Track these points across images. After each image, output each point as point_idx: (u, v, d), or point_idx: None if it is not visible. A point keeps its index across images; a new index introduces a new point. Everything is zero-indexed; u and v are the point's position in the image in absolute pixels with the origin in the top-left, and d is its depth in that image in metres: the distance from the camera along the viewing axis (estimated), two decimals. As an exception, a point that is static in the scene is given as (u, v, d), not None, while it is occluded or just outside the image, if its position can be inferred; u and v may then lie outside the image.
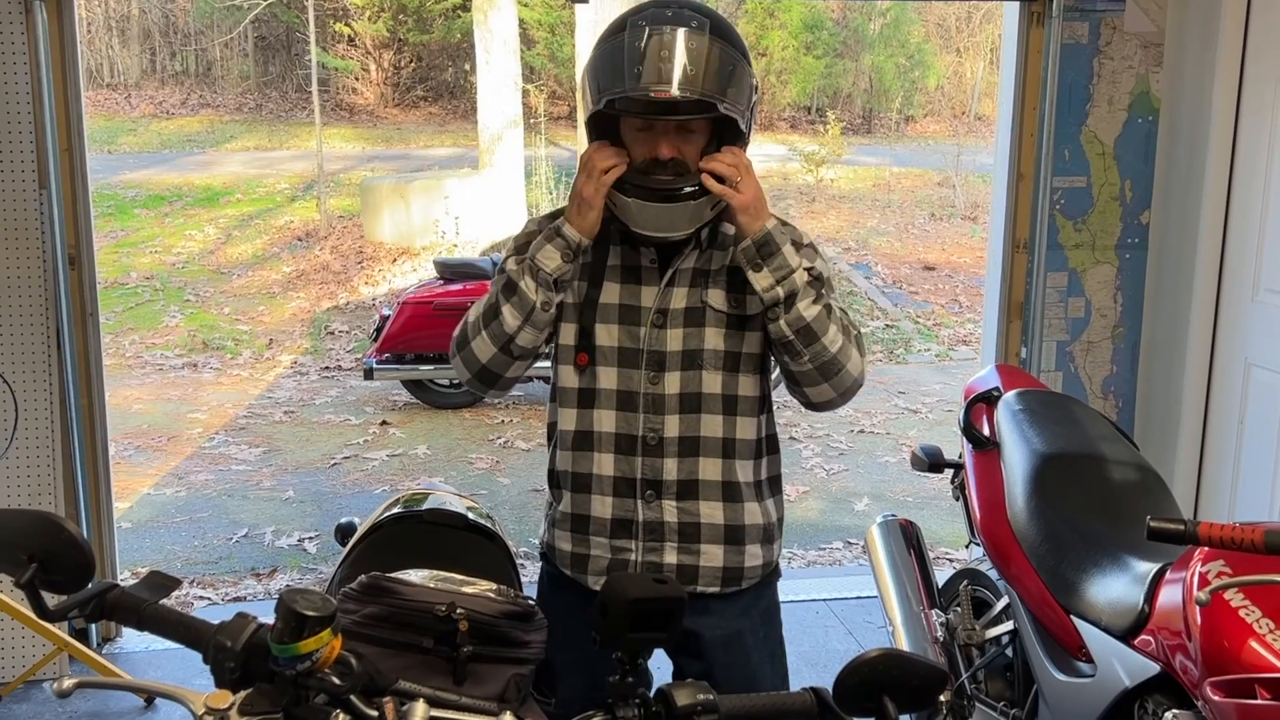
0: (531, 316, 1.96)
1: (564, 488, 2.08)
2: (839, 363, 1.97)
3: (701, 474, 2.01)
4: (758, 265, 1.92)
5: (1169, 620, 2.10)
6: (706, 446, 2.01)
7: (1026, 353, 4.05)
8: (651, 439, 1.99)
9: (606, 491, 2.03)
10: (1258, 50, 3.68)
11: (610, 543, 2.04)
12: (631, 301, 2.01)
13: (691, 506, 2.02)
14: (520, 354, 2.00)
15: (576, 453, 2.04)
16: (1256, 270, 3.71)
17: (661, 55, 1.82)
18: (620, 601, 1.37)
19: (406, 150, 16.21)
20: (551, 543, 2.14)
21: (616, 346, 2.01)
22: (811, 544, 5.30)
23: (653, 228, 1.94)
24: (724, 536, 2.04)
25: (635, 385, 2.00)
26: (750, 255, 1.92)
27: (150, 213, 12.86)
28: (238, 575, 4.95)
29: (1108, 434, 2.77)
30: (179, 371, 8.57)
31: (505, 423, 7.28)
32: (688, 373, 1.99)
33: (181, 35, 19.00)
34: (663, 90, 1.82)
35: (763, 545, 2.09)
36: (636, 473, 2.01)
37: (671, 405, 1.99)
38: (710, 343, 2.00)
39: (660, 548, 2.02)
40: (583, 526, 2.06)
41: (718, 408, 2.01)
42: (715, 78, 1.84)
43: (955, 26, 18.98)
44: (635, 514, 2.02)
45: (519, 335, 1.97)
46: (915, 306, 10.50)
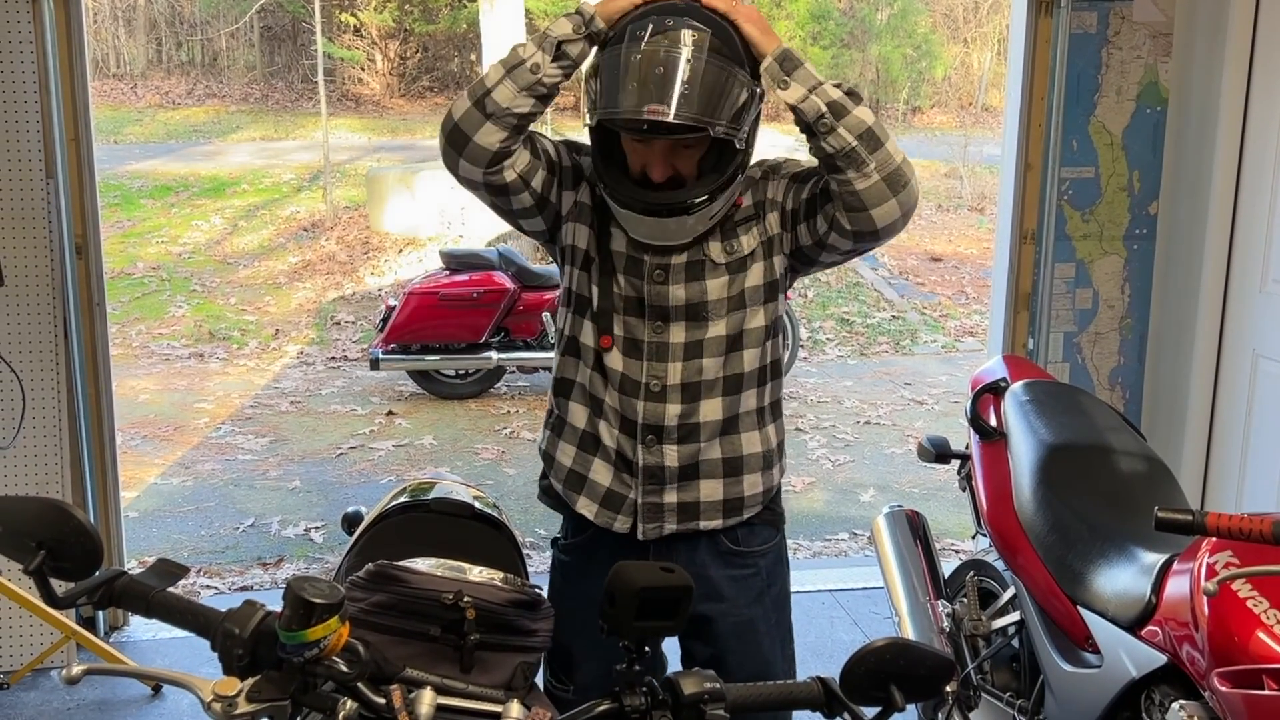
0: (515, 70, 1.90)
1: (577, 401, 2.08)
2: (904, 173, 1.88)
3: (702, 416, 2.02)
4: (784, 82, 1.86)
5: (1176, 611, 2.09)
6: (707, 388, 2.01)
7: (1034, 343, 4.04)
8: (655, 385, 2.00)
9: (614, 424, 2.04)
10: (1267, 40, 3.67)
11: (611, 472, 2.05)
12: (634, 254, 2.00)
13: (692, 448, 2.02)
14: (493, 111, 1.89)
15: (595, 372, 2.04)
16: (1264, 261, 3.70)
17: (655, 74, 1.80)
18: (628, 590, 1.37)
19: (412, 140, 16.19)
20: (552, 453, 2.13)
21: (622, 295, 2.01)
22: (817, 535, 5.30)
23: (649, 237, 1.96)
24: (723, 470, 2.05)
25: (640, 334, 2.00)
26: (775, 73, 1.87)
27: (156, 203, 12.87)
28: (244, 565, 4.96)
29: (1115, 425, 2.77)
30: (185, 361, 8.58)
31: (511, 413, 7.28)
32: (693, 323, 2.00)
33: (187, 25, 18.99)
34: (657, 111, 1.79)
35: (762, 473, 2.09)
36: (638, 417, 2.01)
37: (675, 353, 2.00)
38: (714, 294, 1.99)
39: (660, 489, 2.04)
40: (590, 446, 2.06)
41: (720, 350, 2.01)
42: (710, 100, 1.81)
43: (963, 17, 18.91)
44: (636, 457, 2.02)
45: (496, 89, 1.89)
46: (922, 298, 10.48)
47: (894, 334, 9.50)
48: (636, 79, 1.81)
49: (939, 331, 9.63)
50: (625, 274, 2.00)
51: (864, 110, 1.87)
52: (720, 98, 1.82)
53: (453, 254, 7.61)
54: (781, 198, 2.01)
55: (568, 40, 1.90)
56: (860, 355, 8.96)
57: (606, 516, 2.06)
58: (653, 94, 1.79)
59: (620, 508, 2.05)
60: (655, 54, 1.81)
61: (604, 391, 2.03)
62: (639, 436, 2.01)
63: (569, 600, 2.04)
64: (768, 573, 2.11)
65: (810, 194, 1.98)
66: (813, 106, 1.85)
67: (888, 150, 1.86)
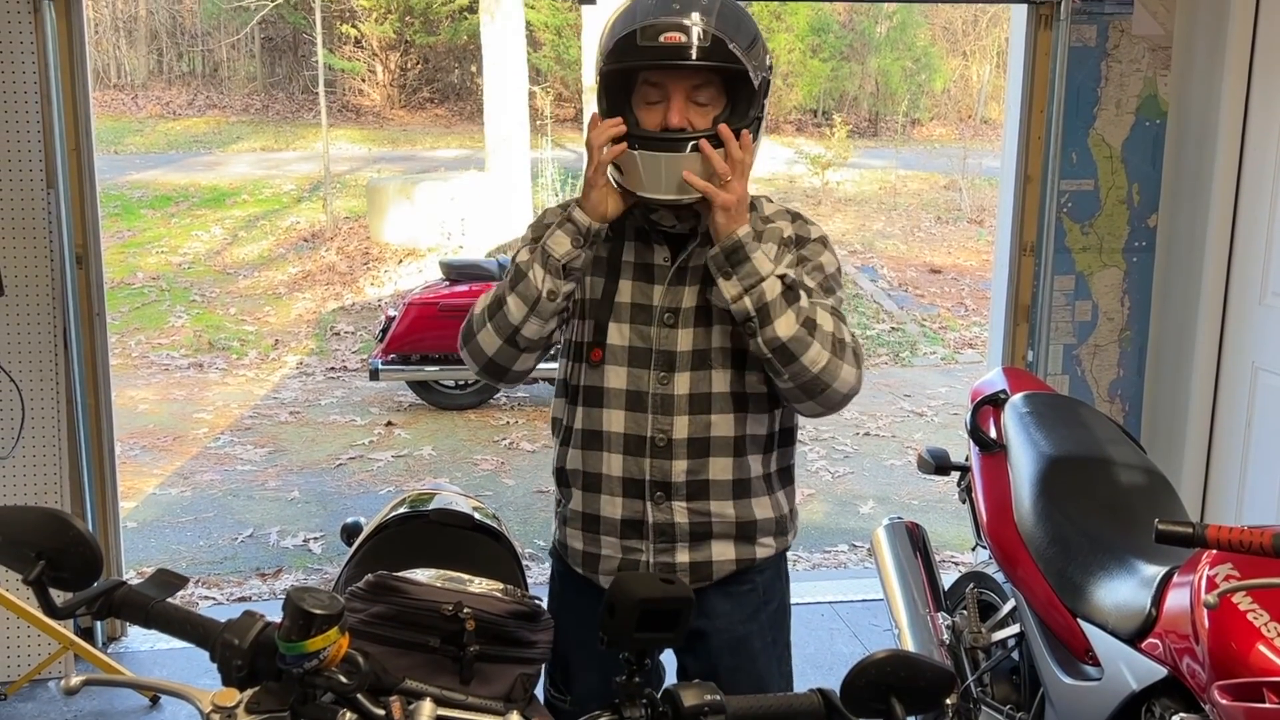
0: (537, 306, 1.91)
1: (574, 486, 2.05)
2: (821, 381, 1.89)
3: (712, 474, 1.98)
4: (726, 273, 1.86)
5: (1176, 624, 2.09)
6: (717, 446, 1.97)
7: (1033, 355, 4.04)
8: (660, 440, 1.95)
9: (616, 492, 2.00)
10: (1266, 54, 3.68)
11: (621, 543, 2.01)
12: (643, 300, 1.97)
13: (702, 506, 1.98)
14: (527, 346, 1.95)
15: (586, 451, 2.01)
16: (1264, 274, 3.71)
17: (674, 5, 1.81)
18: (627, 602, 1.36)
19: (413, 151, 16.22)
20: (563, 540, 2.11)
21: (627, 346, 1.97)
22: (817, 546, 5.30)
23: (659, 187, 1.86)
24: (735, 533, 2.02)
25: (644, 385, 1.96)
26: (719, 263, 1.86)
27: (156, 213, 12.88)
28: (243, 575, 4.96)
29: (1115, 437, 2.77)
30: (185, 372, 8.58)
31: (510, 424, 7.28)
32: (698, 373, 1.95)
33: (189, 36, 19.03)
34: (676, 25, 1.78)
35: (775, 537, 2.08)
36: (645, 474, 1.97)
37: (681, 406, 1.95)
38: (719, 341, 1.96)
39: (672, 548, 2.00)
40: (594, 526, 2.03)
41: (728, 406, 1.97)
42: (730, 24, 1.82)
43: (962, 30, 18.96)
44: (645, 515, 1.98)
45: (524, 326, 1.92)
46: (921, 310, 10.49)
47: (893, 346, 9.51)
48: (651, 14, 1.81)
49: (938, 343, 9.64)
50: (632, 323, 1.96)
51: (788, 320, 1.84)
52: (739, 27, 1.83)
53: (452, 264, 7.62)
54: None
55: (572, 258, 1.90)
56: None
57: None
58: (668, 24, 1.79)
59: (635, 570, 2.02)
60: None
61: (602, 465, 1.99)
62: (647, 494, 1.98)
63: (568, 610, 2.03)
64: (765, 589, 2.08)
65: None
66: (741, 309, 1.85)
67: (802, 363, 1.86)
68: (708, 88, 1.86)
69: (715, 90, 1.87)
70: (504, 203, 11.41)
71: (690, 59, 1.81)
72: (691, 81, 1.84)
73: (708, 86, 1.86)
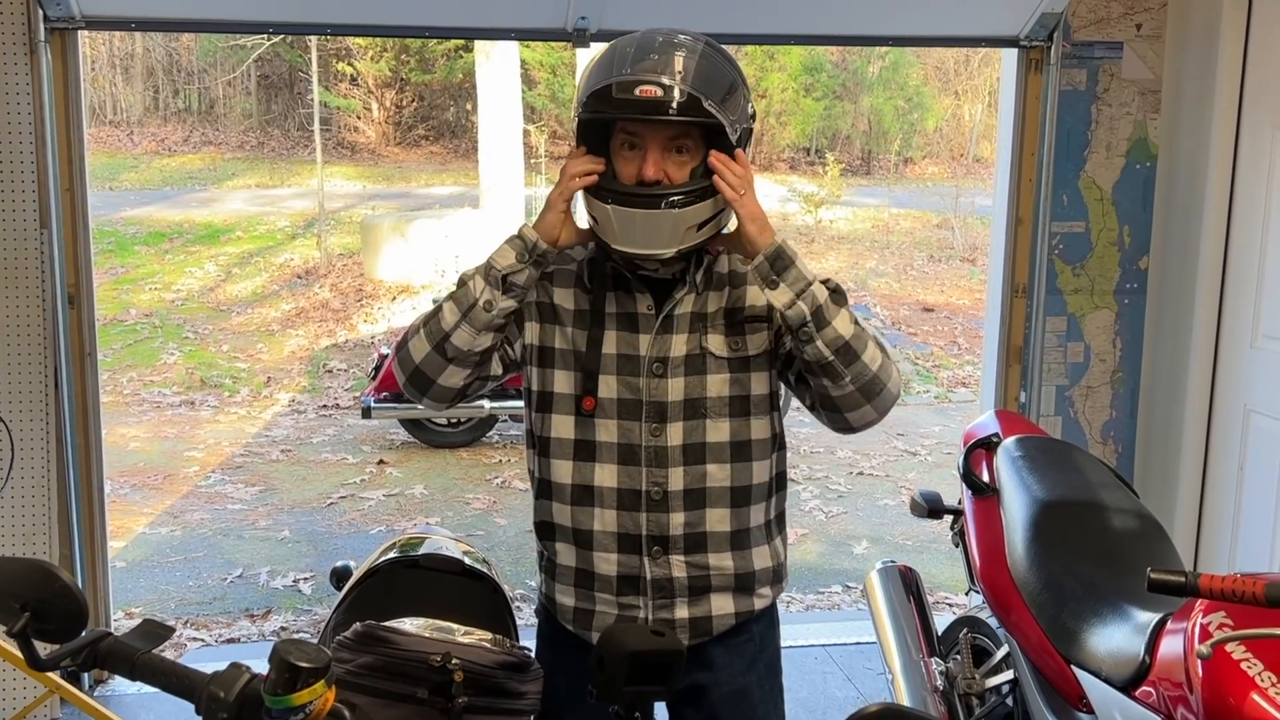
0: (471, 313, 1.86)
1: (560, 541, 1.99)
2: (880, 380, 1.86)
3: (709, 525, 1.94)
4: (773, 281, 1.82)
5: (1170, 672, 2.08)
6: (713, 497, 1.93)
7: (1026, 397, 4.04)
8: (655, 493, 1.91)
9: (610, 548, 1.94)
10: (1254, 97, 3.71)
11: (617, 599, 1.95)
12: (629, 351, 1.93)
13: (700, 559, 1.94)
14: (454, 355, 1.88)
15: (576, 507, 1.95)
16: (1255, 317, 3.72)
17: (653, 56, 1.79)
18: (618, 654, 1.36)
19: (408, 188, 16.28)
20: (552, 595, 2.03)
21: (615, 399, 1.92)
22: (810, 588, 5.27)
23: (633, 242, 1.84)
24: (734, 585, 1.98)
25: (636, 438, 1.91)
26: (764, 272, 1.83)
27: (151, 249, 12.90)
28: (232, 616, 4.92)
29: (1107, 481, 2.76)
30: (176, 409, 8.56)
31: (503, 462, 7.26)
32: (690, 422, 1.92)
33: (185, 73, 19.13)
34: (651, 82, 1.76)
35: (772, 585, 2.05)
36: (641, 529, 1.92)
37: (675, 457, 1.91)
38: (713, 390, 1.92)
39: (670, 604, 1.95)
40: (587, 582, 1.96)
41: (725, 456, 1.93)
42: (707, 81, 1.79)
43: (954, 70, 19.12)
44: (642, 570, 1.93)
45: (454, 333, 1.87)
46: (914, 348, 10.51)
47: (887, 384, 9.51)
48: (628, 65, 1.79)
49: (932, 382, 9.64)
50: (619, 374, 1.92)
51: (844, 319, 1.84)
52: (716, 83, 1.80)
53: (446, 303, 7.61)
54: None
55: (513, 271, 1.87)
56: (853, 405, 8.95)
57: None
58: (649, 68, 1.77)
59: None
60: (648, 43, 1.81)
61: (593, 521, 1.94)
62: (644, 549, 1.92)
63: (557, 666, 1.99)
64: (761, 638, 2.06)
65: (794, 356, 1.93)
66: (797, 314, 1.82)
67: (864, 362, 1.84)
68: (685, 138, 1.84)
69: (693, 140, 1.84)
70: (498, 240, 11.32)
71: (666, 114, 1.79)
72: (668, 133, 1.82)
73: (685, 137, 1.84)
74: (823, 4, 3.73)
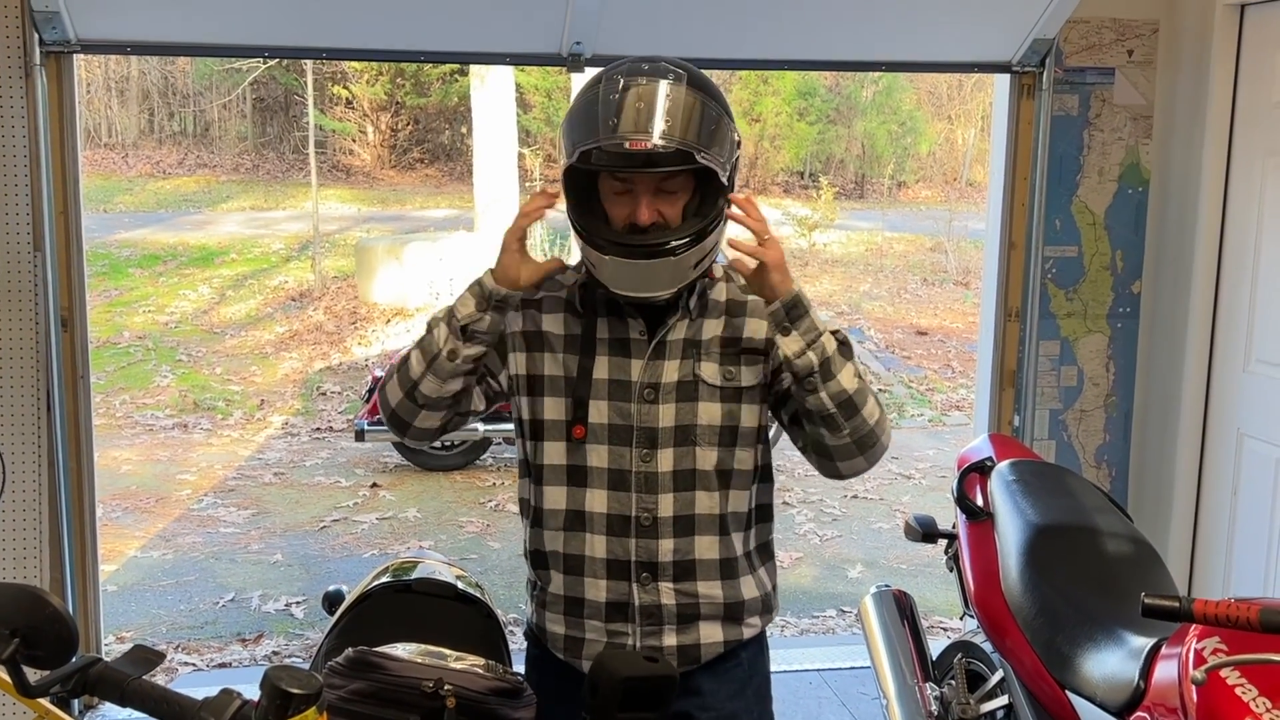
0: (434, 364, 1.86)
1: (553, 569, 1.98)
2: (876, 434, 1.88)
3: (698, 553, 1.94)
4: (786, 329, 1.83)
5: (1165, 697, 2.07)
6: (702, 524, 1.93)
7: (1020, 421, 4.04)
8: (645, 519, 1.91)
9: (600, 574, 1.93)
10: (1245, 123, 3.73)
11: (606, 626, 1.94)
12: (620, 376, 1.92)
13: (689, 587, 1.94)
14: (424, 403, 1.89)
15: (567, 533, 1.95)
16: (1248, 341, 3.73)
17: (638, 105, 1.77)
18: (610, 680, 1.35)
19: (403, 211, 16.30)
20: (541, 624, 2.02)
21: (606, 424, 1.92)
22: (805, 612, 5.26)
23: (631, 287, 1.85)
24: (724, 614, 1.97)
25: (626, 464, 1.91)
26: (780, 318, 1.83)
27: (144, 272, 12.89)
28: (223, 641, 4.89)
29: (1101, 505, 2.76)
30: (169, 432, 8.53)
31: (496, 485, 7.24)
32: (681, 449, 1.91)
33: (180, 96, 19.17)
34: (640, 140, 1.75)
35: (761, 615, 2.04)
36: (631, 555, 1.92)
37: (665, 484, 1.91)
38: (704, 418, 1.92)
39: (659, 631, 1.94)
40: (576, 609, 1.96)
41: (712, 484, 1.93)
42: (694, 128, 1.78)
43: (947, 94, 19.21)
44: (631, 597, 1.93)
45: (421, 383, 1.88)
46: (908, 371, 10.51)
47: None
48: (617, 114, 1.77)
49: (925, 405, 9.65)
50: (610, 399, 1.92)
51: (848, 374, 1.85)
52: (703, 128, 1.79)
53: (440, 325, 7.61)
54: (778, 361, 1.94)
55: (474, 320, 1.87)
56: (847, 429, 8.95)
57: None
58: (635, 123, 1.76)
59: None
60: (635, 89, 1.78)
61: (585, 547, 1.93)
62: (633, 576, 1.92)
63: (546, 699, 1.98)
64: (749, 664, 2.05)
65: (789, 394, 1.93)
66: (806, 364, 1.82)
67: (863, 416, 1.86)
68: (678, 177, 1.83)
69: (684, 178, 1.84)
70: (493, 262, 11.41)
71: (665, 164, 1.79)
72: (658, 176, 1.82)
73: (678, 176, 1.83)
74: (816, 29, 3.75)
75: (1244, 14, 3.71)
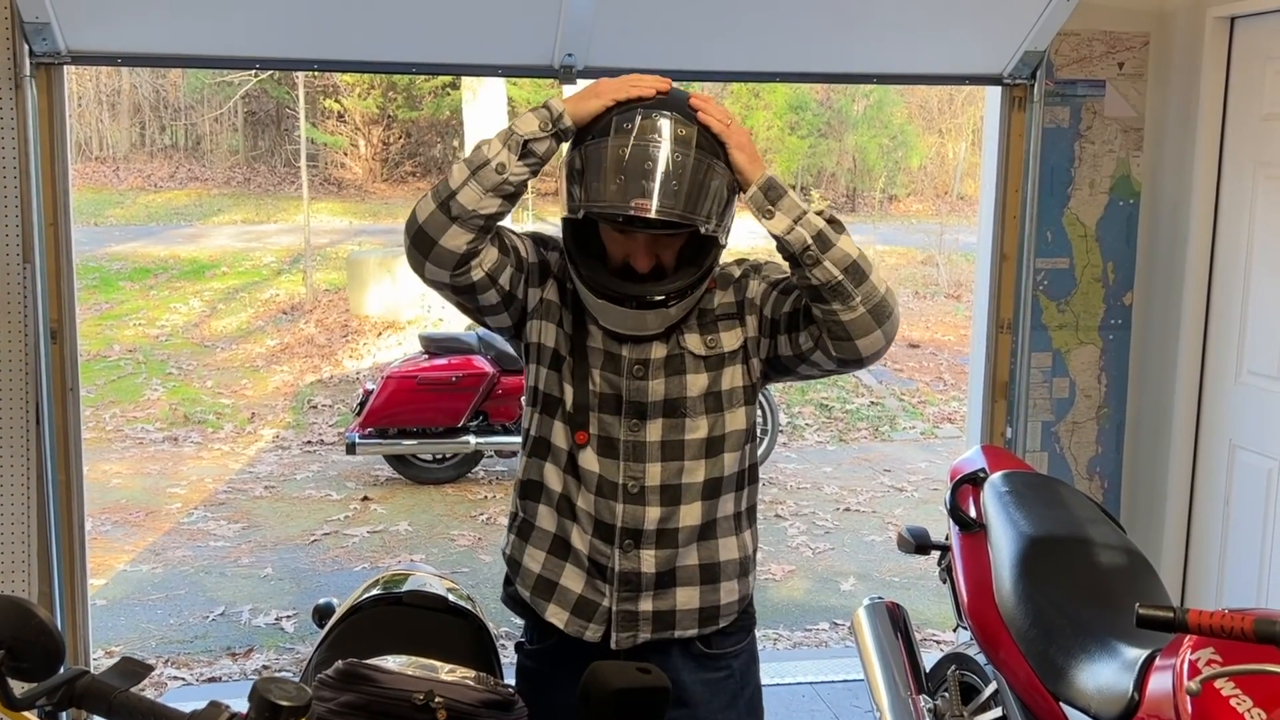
0: (480, 171, 1.85)
1: (543, 503, 2.02)
2: (889, 303, 1.89)
3: (682, 521, 1.97)
4: (768, 211, 1.86)
5: (1159, 708, 2.07)
6: (688, 493, 1.97)
7: (1012, 433, 4.04)
8: (633, 487, 1.95)
9: (587, 529, 1.98)
10: (1236, 134, 3.74)
11: (585, 578, 1.99)
12: (613, 350, 1.98)
13: (669, 555, 1.97)
14: (459, 214, 1.85)
15: (568, 476, 1.99)
16: (1240, 352, 3.73)
17: (641, 168, 1.80)
18: (603, 692, 1.34)
19: (394, 225, 16.26)
20: (517, 557, 2.06)
21: (597, 392, 1.98)
22: (797, 625, 5.25)
23: (620, 326, 1.93)
24: (700, 577, 2.00)
25: (616, 432, 1.96)
26: (759, 202, 1.86)
27: (135, 285, 12.86)
28: (213, 655, 4.86)
29: (1094, 517, 2.76)
30: (159, 445, 8.50)
31: (489, 499, 7.22)
32: (670, 420, 1.96)
33: (172, 110, 19.16)
34: (643, 207, 1.79)
35: (738, 579, 2.05)
36: (617, 520, 1.96)
37: (653, 453, 1.96)
38: (693, 389, 1.97)
39: (635, 596, 1.98)
40: (561, 551, 2.00)
41: (700, 452, 1.97)
42: (695, 195, 1.81)
43: (938, 108, 19.28)
44: (611, 561, 1.97)
45: (460, 191, 1.85)
46: (900, 384, 10.52)
47: (873, 420, 9.51)
48: (622, 173, 1.80)
49: (917, 417, 9.65)
50: (602, 370, 1.97)
51: (848, 241, 1.86)
52: (705, 193, 1.83)
53: (432, 338, 7.60)
54: (761, 302, 1.99)
55: (534, 138, 1.86)
56: (840, 441, 8.96)
57: (578, 625, 2.01)
58: (639, 188, 1.79)
59: (592, 616, 2.00)
60: (642, 148, 1.81)
61: (577, 494, 1.98)
62: (616, 541, 1.96)
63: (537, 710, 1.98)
64: (741, 674, 2.06)
65: (793, 308, 1.95)
66: (798, 238, 1.84)
67: (872, 282, 1.86)
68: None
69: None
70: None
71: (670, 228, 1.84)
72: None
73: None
74: (808, 42, 3.75)
75: (1234, 26, 3.72)
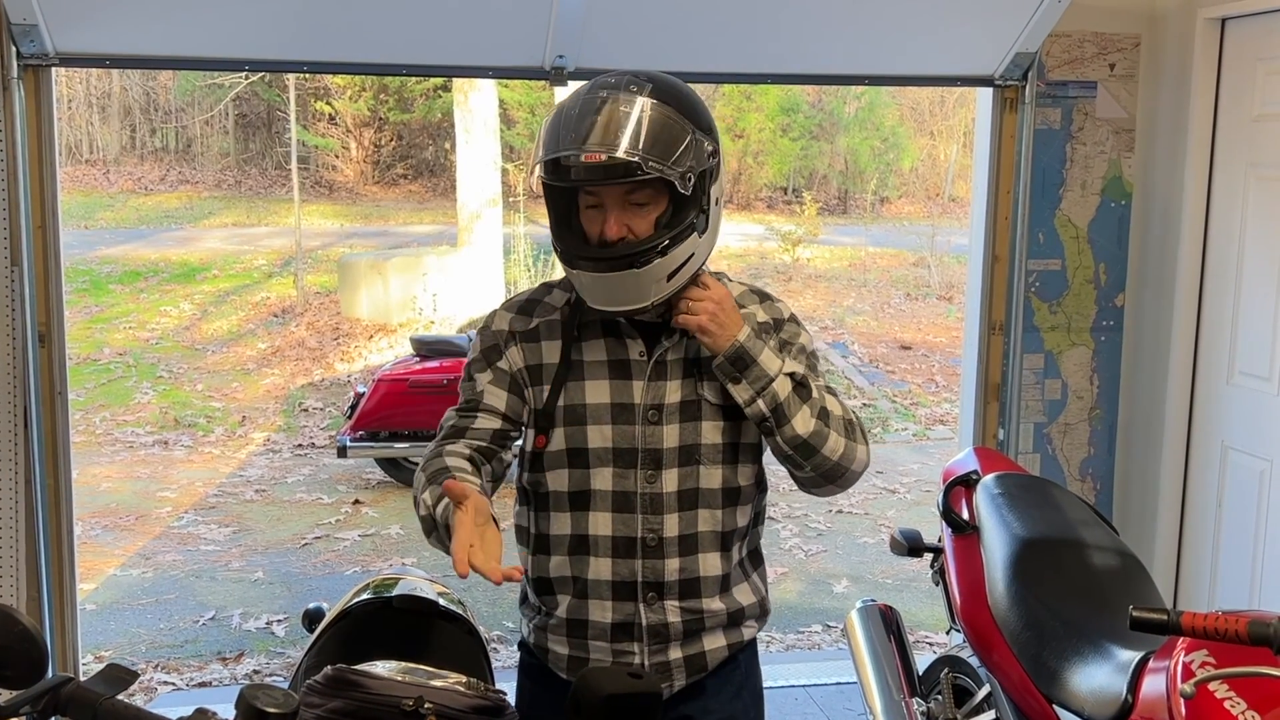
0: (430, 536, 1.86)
1: (559, 593, 1.96)
2: (842, 467, 1.93)
3: (703, 570, 1.95)
4: (735, 378, 1.87)
5: (1153, 711, 2.06)
6: (705, 541, 1.94)
7: (1004, 434, 4.04)
8: (651, 540, 1.91)
9: (605, 596, 1.93)
10: (1227, 135, 3.74)
11: (612, 646, 1.95)
12: (623, 399, 1.92)
13: (694, 604, 1.95)
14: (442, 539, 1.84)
15: (573, 558, 1.94)
16: (1231, 353, 3.73)
17: (592, 120, 1.78)
18: (593, 698, 1.33)
19: (386, 227, 16.27)
20: (543, 645, 2.01)
21: (610, 447, 1.91)
22: (790, 627, 5.24)
23: (604, 301, 1.86)
24: (726, 622, 2.00)
25: (631, 485, 1.91)
26: (726, 370, 1.87)
27: (126, 288, 12.82)
28: (203, 660, 4.84)
29: (1087, 518, 2.75)
30: (150, 449, 8.47)
31: (480, 502, 7.20)
32: (685, 469, 1.92)
33: (162, 112, 19.12)
34: (593, 153, 1.76)
35: (759, 619, 2.08)
36: (637, 576, 1.92)
37: (670, 504, 1.91)
38: (708, 437, 1.93)
39: (665, 647, 1.95)
40: (581, 631, 1.95)
41: (716, 502, 1.95)
42: (648, 139, 1.77)
43: (929, 110, 19.30)
44: (638, 617, 1.93)
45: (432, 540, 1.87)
46: (892, 385, 10.52)
47: (865, 422, 9.50)
48: (572, 127, 1.79)
49: (910, 419, 9.65)
50: (614, 423, 1.91)
51: (804, 416, 1.88)
52: (663, 140, 1.79)
53: (423, 340, 7.59)
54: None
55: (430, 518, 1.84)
56: (832, 443, 8.94)
57: None
58: (583, 133, 1.77)
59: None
60: (591, 102, 1.80)
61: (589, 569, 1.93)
62: (639, 596, 1.92)
63: (537, 707, 1.97)
64: (745, 666, 2.07)
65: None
66: (756, 411, 1.87)
67: (823, 455, 1.90)
68: (644, 189, 1.82)
69: (653, 189, 1.83)
70: (476, 278, 11.43)
71: (615, 178, 1.79)
72: (624, 189, 1.82)
73: (644, 188, 1.82)
74: (799, 43, 3.75)
75: (1225, 28, 3.72)
